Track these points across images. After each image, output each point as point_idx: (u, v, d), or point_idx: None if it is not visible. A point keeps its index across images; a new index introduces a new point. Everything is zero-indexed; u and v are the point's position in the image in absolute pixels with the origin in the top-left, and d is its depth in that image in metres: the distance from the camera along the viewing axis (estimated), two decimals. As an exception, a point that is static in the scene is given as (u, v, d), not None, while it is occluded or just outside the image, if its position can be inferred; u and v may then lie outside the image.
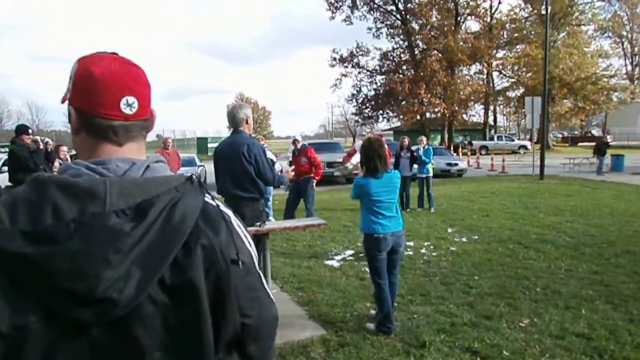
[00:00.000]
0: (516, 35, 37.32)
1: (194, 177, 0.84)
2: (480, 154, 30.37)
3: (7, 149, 29.56)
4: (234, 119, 4.04)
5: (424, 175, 10.03)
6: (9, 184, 6.78)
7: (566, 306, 4.38)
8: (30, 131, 6.52)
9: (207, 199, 0.85)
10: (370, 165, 3.87)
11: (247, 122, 4.04)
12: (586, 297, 4.59)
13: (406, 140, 10.16)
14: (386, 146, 8.06)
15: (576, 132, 58.31)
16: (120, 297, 0.71)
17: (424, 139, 10.43)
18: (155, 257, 0.74)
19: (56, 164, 6.96)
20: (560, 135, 55.28)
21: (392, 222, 3.91)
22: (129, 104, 0.87)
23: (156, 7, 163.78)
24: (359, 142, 7.43)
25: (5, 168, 11.95)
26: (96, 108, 0.85)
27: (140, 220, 0.75)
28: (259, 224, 3.70)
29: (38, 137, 6.56)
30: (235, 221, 0.90)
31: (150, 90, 0.93)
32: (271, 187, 8.36)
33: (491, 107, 43.22)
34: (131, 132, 0.89)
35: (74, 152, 9.07)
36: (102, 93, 0.85)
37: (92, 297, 0.70)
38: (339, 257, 6.24)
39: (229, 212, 0.89)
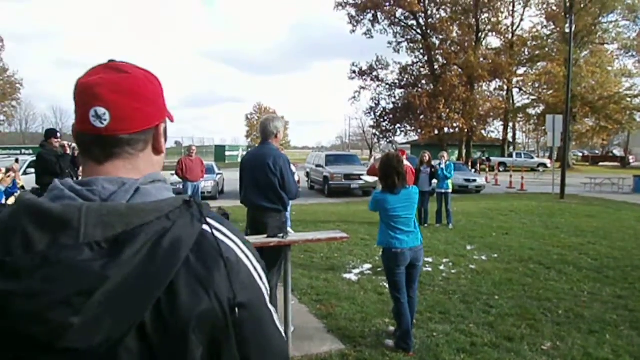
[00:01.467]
0: (538, 52, 37.04)
1: (192, 200, 0.73)
2: (499, 171, 30.06)
3: (32, 152, 30.22)
4: (264, 131, 4.09)
5: (443, 191, 9.97)
6: (36, 186, 6.96)
7: (590, 330, 4.30)
8: (58, 135, 6.68)
9: (206, 227, 0.72)
10: (388, 182, 3.88)
11: (276, 136, 4.09)
12: (610, 322, 4.49)
13: (427, 156, 10.13)
14: (407, 163, 8.06)
15: (597, 152, 57.44)
16: (88, 348, 0.62)
17: (445, 154, 10.40)
18: (131, 300, 0.64)
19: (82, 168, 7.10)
20: (581, 154, 54.49)
21: (411, 237, 3.91)
22: (98, 116, 0.76)
23: (176, 16, 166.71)
24: (374, 158, 7.44)
25: (31, 170, 12.31)
26: (76, 120, 0.80)
27: (116, 255, 0.64)
28: (281, 235, 3.71)
29: (66, 143, 6.72)
30: (242, 251, 0.75)
31: (145, 101, 0.80)
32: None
33: (510, 124, 42.87)
34: (110, 147, 0.78)
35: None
36: (76, 104, 0.79)
37: (53, 347, 0.61)
38: (356, 271, 6.22)
39: (231, 243, 0.75)
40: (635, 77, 43.05)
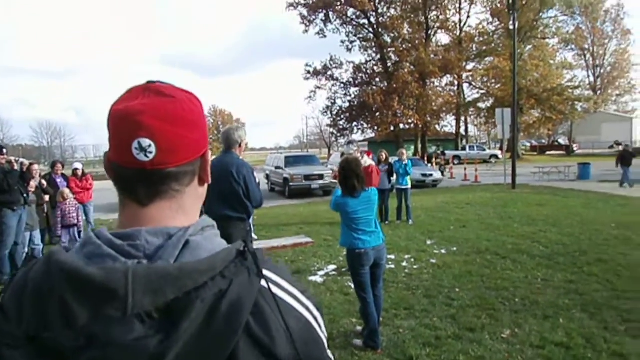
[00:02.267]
0: (485, 48, 38.48)
1: (246, 250, 0.65)
2: (453, 164, 31.00)
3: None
4: (228, 140, 4.08)
5: (403, 187, 10.21)
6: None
7: (544, 316, 4.54)
8: (4, 151, 6.37)
9: (263, 282, 0.64)
10: (348, 185, 3.97)
11: (240, 145, 4.09)
12: (563, 307, 4.76)
13: (383, 154, 10.35)
14: (372, 162, 8.14)
15: (544, 141, 60.17)
16: None
17: (404, 151, 10.65)
18: None
19: (32, 183, 6.82)
20: (529, 144, 56.94)
21: (373, 237, 4.01)
22: (142, 148, 0.67)
23: (130, 21, 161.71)
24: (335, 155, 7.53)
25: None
26: (112, 153, 0.70)
27: (171, 329, 0.57)
28: (246, 244, 3.73)
29: (12, 158, 6.42)
30: (301, 304, 0.68)
31: (193, 128, 0.71)
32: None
33: (462, 118, 44.28)
34: (156, 185, 0.69)
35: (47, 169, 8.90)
36: (115, 136, 0.69)
37: None
38: (322, 273, 6.29)
39: (290, 298, 0.67)
40: (575, 69, 45.62)
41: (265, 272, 0.65)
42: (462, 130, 45.70)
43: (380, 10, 39.35)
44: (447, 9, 40.02)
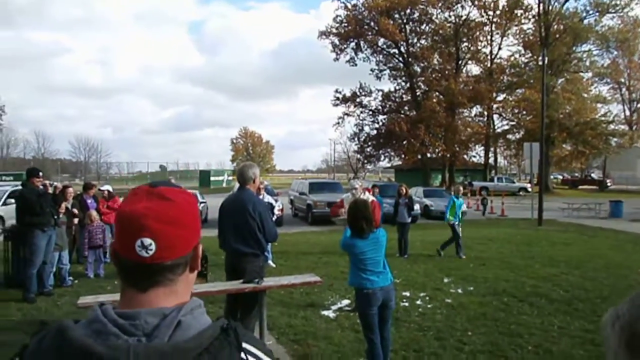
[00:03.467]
0: (516, 80, 38.21)
1: (229, 327, 0.78)
2: (480, 195, 30.57)
3: (12, 178, 29.75)
4: (242, 177, 4.26)
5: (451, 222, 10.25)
6: (15, 224, 6.98)
7: (557, 367, 4.45)
8: (40, 174, 6.74)
9: (243, 354, 0.78)
10: (356, 227, 4.05)
11: (254, 181, 4.27)
12: (577, 358, 4.65)
13: (403, 188, 10.39)
14: (372, 198, 8.15)
15: (577, 174, 58.69)
16: None
17: (461, 188, 11.26)
18: None
19: (63, 205, 7.16)
20: (561, 177, 55.63)
21: (381, 277, 4.06)
22: (144, 246, 0.79)
23: (163, 43, 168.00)
24: (346, 195, 7.63)
25: (11, 200, 12.25)
26: (119, 247, 0.83)
27: None
28: (257, 280, 3.84)
29: (47, 182, 6.78)
30: None
31: (188, 227, 0.85)
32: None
33: (492, 149, 43.78)
34: (154, 276, 0.82)
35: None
36: (121, 233, 0.82)
37: None
38: (335, 307, 6.33)
39: None
40: (610, 103, 44.68)
41: (244, 344, 0.78)
42: (491, 161, 45.13)
43: (410, 41, 39.81)
44: (478, 40, 40.14)
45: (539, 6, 37.24)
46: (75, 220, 8.01)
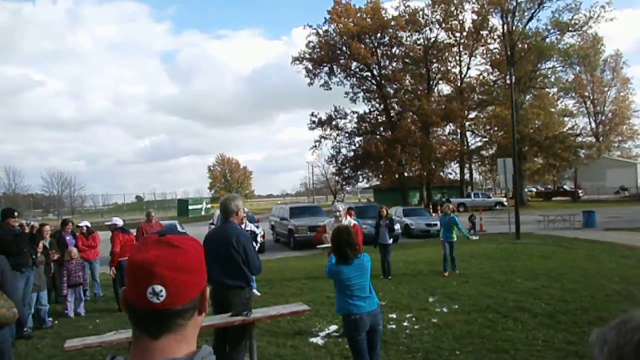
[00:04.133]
0: (486, 97, 39.38)
1: None
2: (459, 212, 31.02)
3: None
4: (225, 210, 4.29)
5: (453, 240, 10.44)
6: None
7: (544, 381, 4.53)
8: (15, 214, 6.61)
9: None
10: (341, 253, 4.11)
11: (237, 214, 4.29)
12: (562, 370, 4.75)
13: (384, 210, 10.51)
14: (353, 221, 8.17)
15: (549, 187, 60.17)
16: None
17: (451, 205, 11.30)
18: None
19: (40, 244, 7.01)
20: (535, 190, 56.94)
21: (367, 302, 4.11)
22: (155, 293, 0.83)
23: (135, 73, 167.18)
24: (328, 221, 7.69)
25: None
26: (129, 293, 0.87)
27: None
28: (245, 313, 3.84)
29: (24, 221, 6.66)
30: None
31: (196, 273, 0.90)
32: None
33: (467, 165, 44.67)
34: (166, 322, 0.85)
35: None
36: (133, 281, 0.86)
37: None
38: (323, 334, 6.31)
39: None
40: (576, 116, 46.34)
41: None
42: (467, 177, 45.97)
43: (382, 63, 40.76)
44: (447, 61, 41.37)
45: (503, 27, 38.74)
46: (55, 257, 7.83)
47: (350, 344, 4.17)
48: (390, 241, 10.35)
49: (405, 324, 6.61)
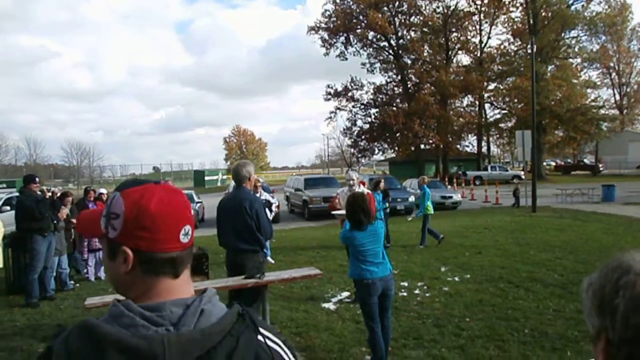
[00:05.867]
0: (506, 68, 38.42)
1: (244, 312, 0.86)
2: (475, 185, 30.79)
3: (5, 185, 29.70)
4: (237, 176, 4.34)
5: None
6: (15, 230, 7.02)
7: (553, 348, 4.58)
8: (37, 180, 6.79)
9: (260, 337, 0.85)
10: (355, 220, 4.16)
11: (249, 179, 4.34)
12: (572, 339, 4.78)
13: (382, 184, 10.45)
14: (368, 191, 8.22)
15: (569, 160, 59.09)
16: None
17: (426, 178, 11.22)
18: None
19: (63, 211, 7.20)
20: (554, 164, 56.01)
21: (380, 267, 4.18)
22: (186, 233, 0.88)
23: (150, 43, 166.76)
24: (342, 190, 7.71)
25: (6, 208, 12.27)
26: (156, 244, 0.85)
27: None
28: (258, 275, 3.93)
29: (45, 187, 6.83)
30: (288, 356, 0.89)
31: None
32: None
33: (484, 138, 44.02)
34: (186, 260, 0.89)
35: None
36: (161, 228, 0.85)
37: None
38: (335, 300, 6.44)
39: (280, 350, 0.88)
40: (600, 88, 44.98)
41: (262, 330, 0.86)
42: (484, 150, 45.38)
43: (400, 33, 39.87)
44: (467, 30, 40.29)
45: (526, -7, 37.40)
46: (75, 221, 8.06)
47: (362, 307, 4.26)
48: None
49: (416, 292, 6.69)
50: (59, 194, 7.47)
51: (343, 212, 6.79)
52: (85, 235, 0.94)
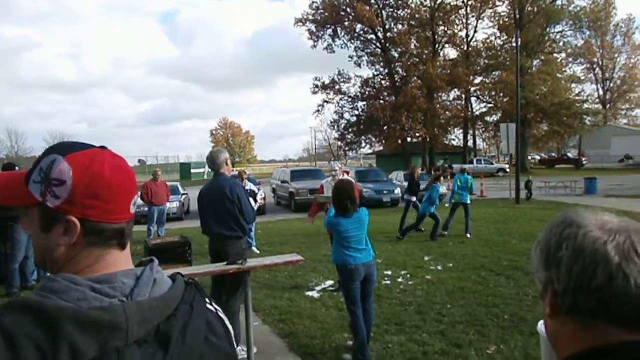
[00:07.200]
0: (492, 62, 38.66)
1: (193, 282, 0.85)
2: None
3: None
4: (214, 163, 4.33)
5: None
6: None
7: (531, 332, 4.66)
8: (16, 168, 6.68)
9: (207, 304, 0.85)
10: (341, 206, 4.19)
11: (227, 164, 4.33)
12: (550, 324, 4.88)
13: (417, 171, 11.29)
14: (354, 181, 8.35)
15: (553, 154, 59.86)
16: None
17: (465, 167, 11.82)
18: None
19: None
20: (538, 157, 56.70)
21: (364, 254, 4.23)
22: (134, 203, 0.84)
23: (135, 34, 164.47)
24: (326, 180, 7.73)
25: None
26: (108, 215, 0.79)
27: (164, 348, 0.74)
28: (241, 262, 3.93)
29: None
30: (227, 321, 0.90)
31: None
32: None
33: (470, 131, 44.35)
34: (131, 231, 0.85)
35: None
36: (117, 198, 0.80)
37: None
38: (319, 288, 6.48)
39: (222, 313, 0.90)
40: (584, 83, 45.55)
41: (207, 299, 0.87)
42: (470, 144, 45.73)
43: (387, 26, 39.81)
44: (454, 24, 40.34)
45: (513, -12, 37.60)
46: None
47: (345, 293, 4.31)
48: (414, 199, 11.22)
49: (399, 280, 6.76)
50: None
51: (328, 196, 6.83)
52: (2, 203, 0.74)
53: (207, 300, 0.86)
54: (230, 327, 0.89)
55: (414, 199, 11.19)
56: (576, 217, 0.78)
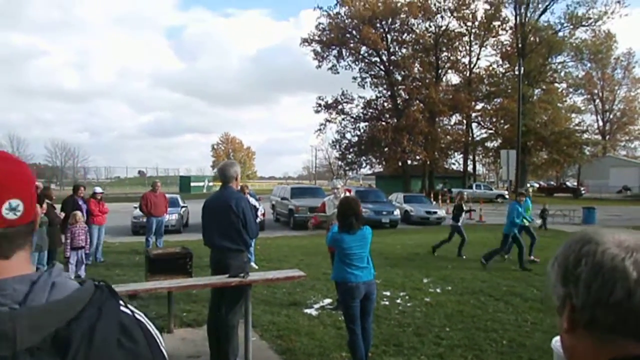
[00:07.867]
0: (494, 89, 39.13)
1: (103, 284, 0.77)
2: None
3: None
4: (224, 175, 4.37)
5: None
6: None
7: (530, 359, 4.66)
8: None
9: (122, 306, 0.78)
10: (346, 222, 4.21)
11: (236, 179, 4.37)
12: (548, 351, 4.83)
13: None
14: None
15: (552, 182, 60.04)
16: None
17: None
18: None
19: (44, 206, 7.13)
20: (537, 185, 56.86)
21: (364, 272, 4.24)
22: (12, 208, 0.74)
23: (140, 48, 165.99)
24: (328, 198, 7.73)
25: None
26: None
27: (62, 353, 0.66)
28: (242, 275, 3.95)
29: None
30: (150, 325, 0.82)
31: (34, 186, 0.81)
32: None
33: (470, 156, 44.60)
34: (17, 239, 0.76)
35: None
36: None
37: None
38: (317, 306, 6.46)
39: (143, 317, 0.81)
40: (584, 113, 46.03)
41: (121, 301, 0.79)
42: (470, 169, 45.93)
43: (392, 49, 40.41)
44: (457, 50, 40.97)
45: (515, 18, 38.27)
46: (62, 215, 8.08)
47: (344, 310, 4.31)
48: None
49: (398, 301, 6.74)
50: (42, 187, 7.42)
51: (328, 215, 6.86)
52: None
53: (122, 303, 0.78)
54: (154, 331, 0.81)
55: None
56: (594, 235, 0.81)
